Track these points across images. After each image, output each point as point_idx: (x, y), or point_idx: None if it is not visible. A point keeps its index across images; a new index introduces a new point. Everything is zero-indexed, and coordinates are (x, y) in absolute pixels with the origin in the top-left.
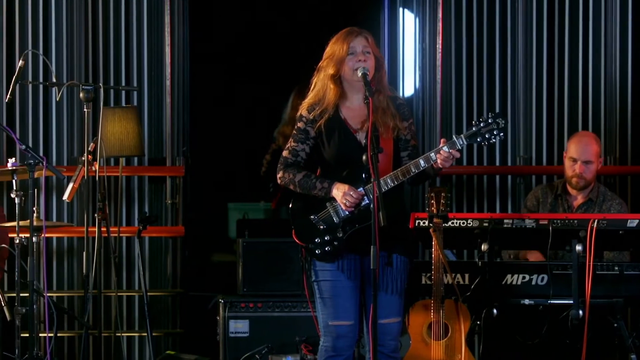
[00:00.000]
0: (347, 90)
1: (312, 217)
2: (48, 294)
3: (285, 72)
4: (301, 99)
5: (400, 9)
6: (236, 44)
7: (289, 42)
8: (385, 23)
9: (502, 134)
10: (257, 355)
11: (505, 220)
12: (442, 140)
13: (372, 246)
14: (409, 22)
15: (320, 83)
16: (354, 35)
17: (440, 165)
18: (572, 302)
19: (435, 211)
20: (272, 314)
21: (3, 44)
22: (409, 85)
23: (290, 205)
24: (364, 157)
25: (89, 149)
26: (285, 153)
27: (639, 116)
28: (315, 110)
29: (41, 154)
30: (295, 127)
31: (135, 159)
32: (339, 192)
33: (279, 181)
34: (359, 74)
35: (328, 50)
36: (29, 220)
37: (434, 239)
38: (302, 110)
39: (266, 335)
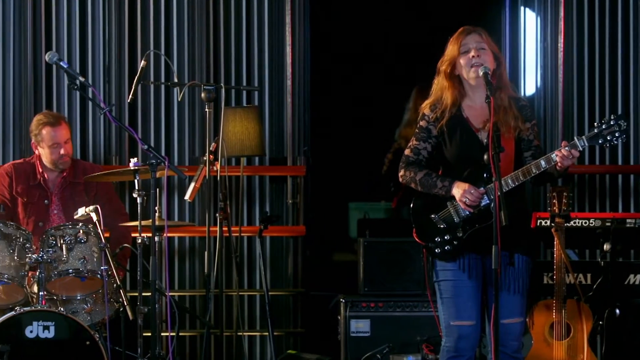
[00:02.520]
0: (467, 89)
1: (432, 216)
2: (170, 294)
3: (406, 71)
4: (422, 100)
5: (522, 8)
6: (357, 44)
7: (409, 42)
8: (506, 22)
9: (624, 136)
10: (378, 355)
11: (628, 220)
12: (563, 142)
13: (493, 246)
14: (530, 21)
15: (439, 83)
16: (465, 33)
17: (559, 165)
18: None
19: (557, 211)
20: (393, 314)
21: (125, 44)
22: (530, 85)
23: (412, 204)
24: (485, 157)
25: (211, 148)
26: (407, 151)
27: None
28: (436, 109)
29: (163, 153)
30: (418, 125)
31: (257, 158)
32: (459, 190)
33: (400, 179)
34: (480, 73)
35: (446, 50)
36: (151, 220)
37: (555, 238)
38: (425, 109)
39: (387, 334)
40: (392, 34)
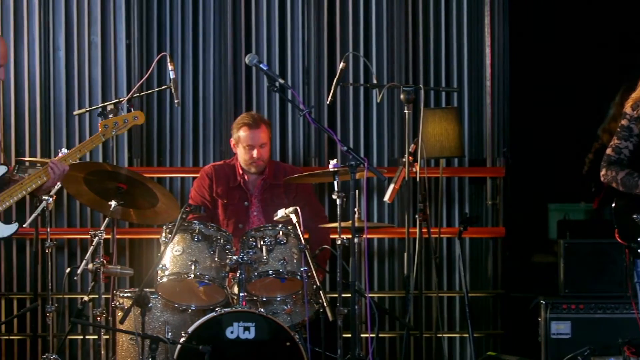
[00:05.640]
0: None
1: (635, 216)
2: (369, 295)
3: (608, 69)
4: (629, 96)
5: None
6: (556, 43)
7: (612, 38)
8: None
9: None
10: (579, 357)
11: None
12: None
13: None
14: None
15: None
16: None
17: None
18: None
19: None
20: (594, 315)
21: (324, 46)
22: None
23: (613, 205)
24: None
25: (410, 150)
26: (608, 151)
27: None
28: (638, 107)
29: (362, 155)
30: (619, 124)
31: (456, 159)
32: None
33: (602, 179)
34: None
35: None
36: (350, 222)
37: None
38: (627, 107)
39: (588, 336)
40: (593, 31)
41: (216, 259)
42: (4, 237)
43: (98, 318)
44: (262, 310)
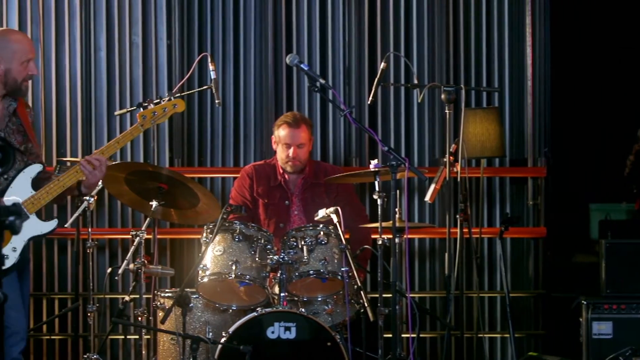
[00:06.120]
0: None
1: None
2: (410, 295)
3: None
4: None
5: None
6: (598, 42)
7: None
8: None
9: None
10: (620, 358)
11: None
12: None
13: None
14: None
15: None
16: None
17: None
18: None
19: None
20: (636, 316)
21: (365, 46)
22: None
23: None
24: None
25: (451, 150)
26: None
27: None
28: None
29: (403, 155)
30: None
31: (497, 159)
32: None
33: None
34: None
35: None
36: (391, 222)
37: None
38: None
39: (630, 337)
40: (636, 31)
41: (257, 259)
42: (44, 234)
43: (139, 318)
44: (303, 310)
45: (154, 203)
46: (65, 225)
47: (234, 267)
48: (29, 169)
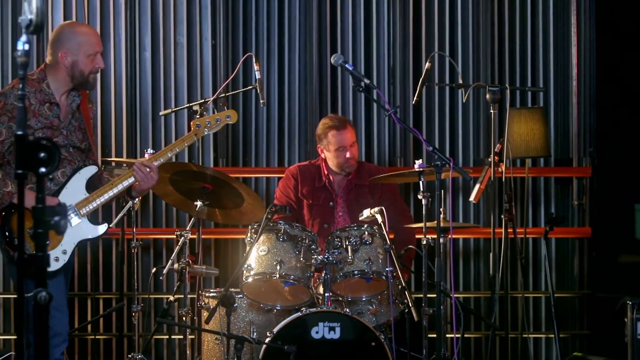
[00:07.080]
0: None
1: None
2: (455, 295)
3: None
4: None
5: None
6: None
7: None
8: None
9: None
10: None
11: None
12: None
13: None
14: None
15: None
16: None
17: None
18: None
19: None
20: None
21: (410, 46)
22: None
23: None
24: None
25: (496, 150)
26: None
27: None
28: None
29: (447, 155)
30: None
31: (542, 159)
32: None
33: None
34: None
35: None
36: (436, 222)
37: None
38: None
39: None
40: None
41: (301, 259)
42: (94, 237)
43: (184, 318)
44: (348, 310)
45: (198, 203)
46: (110, 225)
47: (278, 267)
48: (85, 170)
